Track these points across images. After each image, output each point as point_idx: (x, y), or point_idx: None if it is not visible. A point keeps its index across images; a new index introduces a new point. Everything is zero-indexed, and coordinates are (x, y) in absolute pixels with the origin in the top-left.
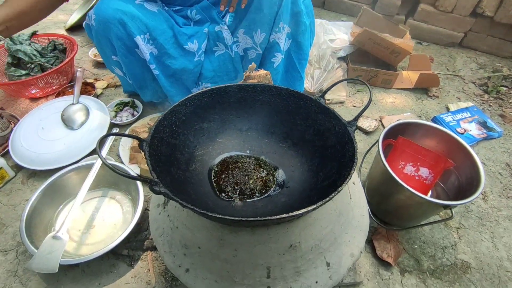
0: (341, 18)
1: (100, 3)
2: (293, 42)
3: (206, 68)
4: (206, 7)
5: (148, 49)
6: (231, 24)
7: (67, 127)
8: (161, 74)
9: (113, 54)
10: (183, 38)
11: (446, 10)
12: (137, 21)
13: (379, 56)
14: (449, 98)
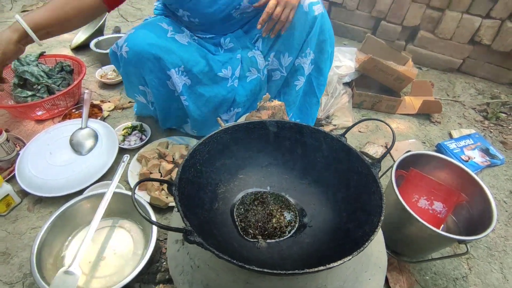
0: (343, 42)
1: (134, 37)
2: (315, 67)
3: (239, 94)
4: (240, 35)
5: (181, 81)
6: (263, 48)
7: (76, 152)
8: (192, 104)
9: (141, 85)
10: (217, 65)
11: (445, 37)
12: (172, 55)
13: (383, 82)
14: (451, 124)
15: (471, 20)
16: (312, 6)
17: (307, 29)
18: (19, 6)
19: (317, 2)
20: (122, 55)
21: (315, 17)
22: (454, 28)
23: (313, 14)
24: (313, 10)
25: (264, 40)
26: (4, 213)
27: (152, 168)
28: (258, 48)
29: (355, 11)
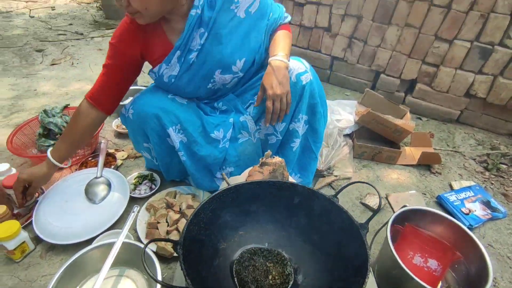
0: (345, 93)
1: (137, 100)
2: (309, 127)
3: (230, 154)
4: (231, 99)
5: (178, 138)
6: (255, 115)
7: (90, 200)
8: (188, 160)
9: (145, 142)
10: (210, 127)
11: (442, 90)
12: (170, 114)
13: (382, 134)
14: (452, 175)
15: (464, 75)
16: (299, 77)
17: (297, 98)
18: (49, 60)
19: (305, 71)
20: (128, 117)
21: (303, 86)
22: (450, 82)
23: (301, 83)
24: (301, 80)
25: (256, 107)
26: (18, 260)
27: (160, 218)
28: (250, 114)
29: (355, 65)
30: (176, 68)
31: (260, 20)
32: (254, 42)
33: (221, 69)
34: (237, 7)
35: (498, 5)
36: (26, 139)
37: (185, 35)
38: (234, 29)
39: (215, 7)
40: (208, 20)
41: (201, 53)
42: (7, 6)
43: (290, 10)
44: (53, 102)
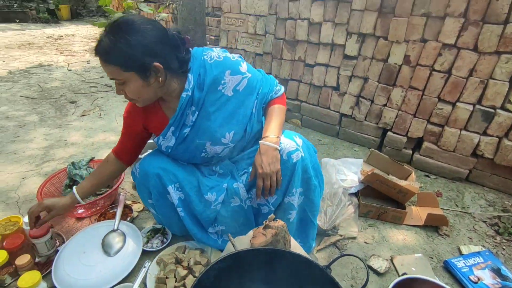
0: (353, 148)
1: (143, 161)
2: (305, 198)
3: (221, 215)
4: (227, 164)
5: (177, 195)
6: (247, 183)
7: (105, 253)
8: (186, 216)
9: (149, 198)
10: (205, 188)
11: (448, 149)
12: (170, 174)
13: (387, 194)
14: (461, 238)
15: (470, 136)
16: (290, 155)
17: (289, 174)
18: (80, 111)
19: (295, 150)
20: (136, 175)
21: (294, 163)
22: (455, 142)
23: (292, 161)
24: (291, 158)
25: (248, 177)
26: None
27: (169, 273)
28: (243, 182)
29: (363, 122)
30: (172, 140)
31: (248, 96)
32: (243, 116)
33: (211, 141)
34: (224, 87)
35: (496, 72)
36: (54, 189)
37: (177, 114)
38: (221, 106)
39: (204, 89)
40: (197, 100)
41: (193, 128)
42: (49, 60)
43: (301, 71)
44: (80, 152)
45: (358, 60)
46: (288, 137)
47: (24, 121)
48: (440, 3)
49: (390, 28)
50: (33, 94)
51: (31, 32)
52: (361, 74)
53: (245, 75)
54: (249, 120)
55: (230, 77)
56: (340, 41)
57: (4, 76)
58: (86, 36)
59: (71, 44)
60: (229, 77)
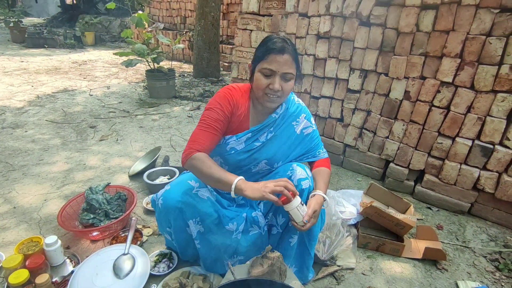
0: (357, 178)
1: (167, 193)
2: None
3: (241, 245)
4: None
5: (196, 229)
6: (264, 209)
7: (116, 275)
8: (203, 248)
9: (168, 227)
10: (226, 220)
11: (449, 182)
12: (191, 208)
13: (385, 226)
14: (459, 273)
15: (470, 170)
16: (300, 182)
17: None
18: (99, 135)
19: (305, 178)
20: (157, 205)
21: (303, 189)
22: (456, 176)
23: (301, 187)
24: (301, 184)
25: (265, 204)
26: None
27: None
28: (261, 209)
29: (366, 152)
30: (240, 145)
31: (307, 142)
32: (293, 155)
33: (267, 161)
34: (297, 125)
35: (493, 110)
36: (72, 212)
37: (259, 127)
38: (288, 139)
39: (285, 119)
40: (278, 125)
41: (263, 145)
42: (73, 85)
43: (307, 102)
44: (97, 176)
45: (361, 94)
46: (301, 166)
47: (48, 144)
48: (437, 44)
49: (391, 66)
50: (58, 118)
51: (58, 57)
52: (364, 107)
53: (312, 125)
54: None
55: (304, 120)
56: (344, 76)
57: (33, 101)
58: (107, 61)
59: (93, 69)
60: (303, 120)
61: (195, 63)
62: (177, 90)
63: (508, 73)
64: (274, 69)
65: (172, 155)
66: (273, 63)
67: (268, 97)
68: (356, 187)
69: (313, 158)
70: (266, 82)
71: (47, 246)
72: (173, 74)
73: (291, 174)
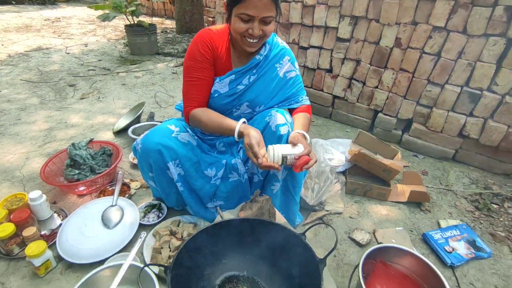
0: (345, 129)
1: (146, 137)
2: (289, 173)
3: (220, 190)
4: (231, 143)
5: (176, 171)
6: (244, 157)
7: (105, 226)
8: (185, 190)
9: (150, 172)
10: (204, 164)
11: (436, 130)
12: (170, 151)
13: (373, 172)
14: (441, 213)
15: (456, 117)
16: (278, 127)
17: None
18: (79, 94)
19: (284, 123)
20: (137, 150)
21: (281, 135)
22: (443, 123)
23: (279, 133)
24: (279, 130)
25: (244, 150)
26: (42, 275)
27: (163, 244)
28: (240, 157)
29: (355, 103)
30: (224, 88)
31: (289, 87)
32: (275, 100)
33: (249, 104)
34: (280, 67)
35: (484, 55)
36: (56, 168)
37: (243, 68)
38: (271, 82)
39: (268, 60)
40: (261, 67)
41: (247, 89)
42: (47, 43)
43: (295, 52)
44: (80, 134)
45: (351, 42)
46: (281, 112)
47: (25, 104)
48: None
49: (382, 11)
50: (33, 77)
51: (28, 15)
52: (353, 56)
53: (296, 70)
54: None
55: (287, 62)
56: (333, 23)
57: (4, 60)
58: (83, 18)
59: (68, 27)
60: (286, 62)
61: (178, 18)
62: (160, 46)
63: (502, 15)
64: (252, 14)
65: (158, 112)
66: (251, 7)
67: (247, 41)
68: (345, 138)
69: (296, 104)
70: (244, 27)
71: (31, 201)
72: (155, 29)
73: (269, 120)
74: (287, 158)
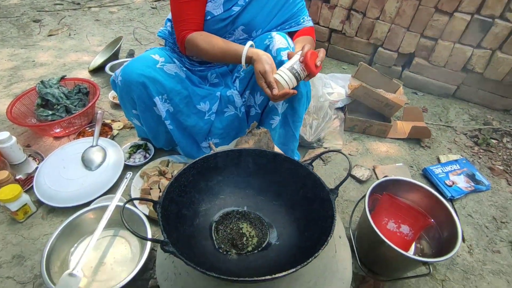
0: (342, 66)
1: (126, 67)
2: (289, 106)
3: (215, 126)
4: (224, 73)
5: (164, 107)
6: (240, 87)
7: (86, 167)
8: (175, 129)
9: (133, 109)
10: (197, 98)
11: (439, 64)
12: (156, 84)
13: (374, 108)
14: (441, 149)
15: (462, 49)
16: (280, 52)
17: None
18: (47, 30)
19: (286, 48)
20: (117, 83)
21: (282, 61)
22: (447, 57)
23: (280, 58)
24: (280, 55)
25: (241, 81)
26: (22, 220)
27: (152, 184)
28: (236, 87)
29: (354, 37)
30: (218, 9)
31: (289, 6)
32: (274, 22)
33: (244, 28)
34: None
35: None
36: (25, 109)
37: None
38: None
39: None
40: None
41: (242, 10)
42: None
43: None
44: (51, 73)
45: None
46: (282, 35)
47: None
48: None
49: None
50: None
51: None
52: None
53: None
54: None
55: None
56: None
57: None
58: None
59: None
60: None
61: None
62: None
63: None
64: None
65: (138, 50)
66: None
67: None
68: None
69: (297, 26)
70: None
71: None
72: None
73: (269, 43)
74: (297, 71)
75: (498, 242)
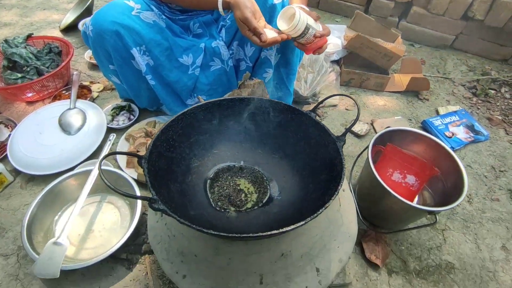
0: (335, 19)
1: (97, 14)
2: (282, 57)
3: (201, 82)
4: (209, 22)
5: (144, 61)
6: (227, 38)
7: (65, 132)
8: (158, 84)
9: (110, 64)
10: (178, 50)
11: (438, 13)
12: (133, 33)
13: (371, 59)
14: (439, 101)
15: None
16: None
17: (267, 18)
18: None
19: None
20: (89, 34)
21: (273, 5)
22: (447, 3)
23: (272, 2)
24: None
25: (227, 30)
26: None
27: (139, 147)
28: (222, 38)
29: None
30: None
31: None
32: None
33: None
34: None
35: None
36: None
37: None
38: None
39: None
40: None
41: None
42: None
43: None
44: (17, 33)
45: None
46: None
47: None
48: None
49: None
50: None
51: None
52: None
53: None
54: None
55: None
56: None
57: None
58: None
59: None
60: None
61: None
62: None
63: None
64: None
65: None
66: None
67: None
68: None
69: None
70: None
71: None
72: None
73: None
74: (308, 32)
75: (497, 191)
